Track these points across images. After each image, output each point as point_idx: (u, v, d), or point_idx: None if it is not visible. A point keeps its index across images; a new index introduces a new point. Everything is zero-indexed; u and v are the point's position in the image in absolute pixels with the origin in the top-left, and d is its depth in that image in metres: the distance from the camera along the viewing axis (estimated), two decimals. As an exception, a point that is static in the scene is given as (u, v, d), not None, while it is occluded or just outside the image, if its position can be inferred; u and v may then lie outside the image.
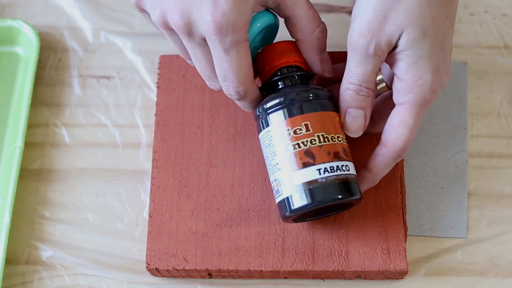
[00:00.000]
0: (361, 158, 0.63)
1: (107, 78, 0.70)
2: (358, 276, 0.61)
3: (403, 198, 0.62)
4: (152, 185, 0.63)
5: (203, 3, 0.53)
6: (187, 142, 0.65)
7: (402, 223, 0.61)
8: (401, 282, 0.62)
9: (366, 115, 0.57)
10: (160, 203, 0.63)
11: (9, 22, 0.71)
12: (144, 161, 0.67)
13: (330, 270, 0.60)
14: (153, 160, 0.64)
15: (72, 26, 0.72)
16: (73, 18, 0.73)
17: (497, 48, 0.70)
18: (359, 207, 0.62)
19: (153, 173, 0.64)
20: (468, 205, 0.64)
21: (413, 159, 0.65)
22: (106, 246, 0.64)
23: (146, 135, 0.68)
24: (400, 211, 0.61)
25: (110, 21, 0.72)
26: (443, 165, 0.65)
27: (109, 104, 0.69)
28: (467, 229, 0.63)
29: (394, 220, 0.61)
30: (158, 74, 0.67)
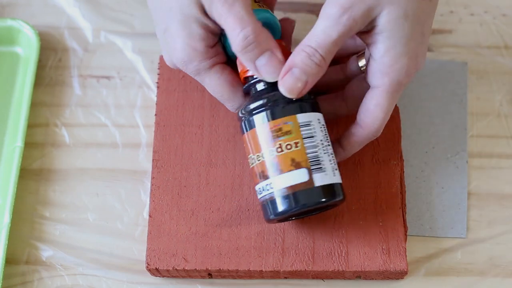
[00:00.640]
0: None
1: (107, 78, 0.70)
2: (358, 276, 0.61)
3: (403, 198, 0.62)
4: (152, 185, 0.63)
5: (168, 47, 0.57)
6: (187, 142, 0.65)
7: (402, 223, 0.61)
8: (401, 282, 0.62)
9: (307, 83, 0.55)
10: (160, 203, 0.63)
11: (9, 22, 0.71)
12: (144, 161, 0.67)
13: (330, 270, 0.60)
14: (153, 160, 0.64)
15: (72, 26, 0.72)
16: (73, 18, 0.73)
17: (497, 48, 0.70)
18: (359, 207, 0.62)
19: (153, 173, 0.64)
20: (468, 205, 0.64)
21: (413, 159, 0.65)
22: (106, 246, 0.64)
23: (146, 135, 0.68)
24: (400, 211, 0.61)
25: (110, 21, 0.72)
26: (443, 165, 0.65)
27: (109, 104, 0.69)
28: (467, 229, 0.63)
29: (394, 220, 0.61)
30: (158, 74, 0.67)
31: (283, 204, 0.56)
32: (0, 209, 0.64)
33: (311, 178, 0.56)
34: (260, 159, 0.57)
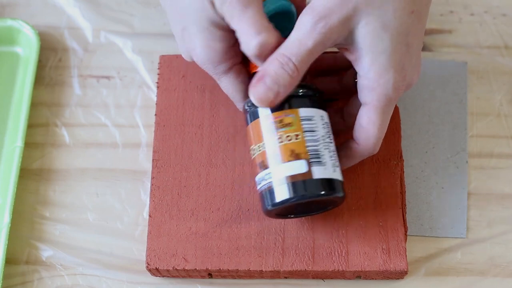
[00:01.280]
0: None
1: (107, 78, 0.70)
2: (358, 276, 0.61)
3: (403, 198, 0.62)
4: (152, 185, 0.63)
5: (186, 46, 0.57)
6: (187, 142, 0.65)
7: (402, 223, 0.61)
8: (401, 282, 0.62)
9: (279, 93, 0.54)
10: (160, 203, 0.63)
11: (9, 22, 0.71)
12: (144, 161, 0.67)
13: (330, 270, 0.60)
14: (153, 160, 0.64)
15: (72, 26, 0.72)
16: (73, 18, 0.73)
17: (497, 48, 0.70)
18: (359, 207, 0.62)
19: (153, 173, 0.64)
20: (468, 205, 0.64)
21: (413, 159, 0.65)
22: (106, 246, 0.64)
23: (146, 135, 0.68)
24: (400, 211, 0.61)
25: (110, 21, 0.72)
26: (443, 165, 0.65)
27: (109, 104, 0.69)
28: (467, 229, 0.63)
29: (394, 220, 0.61)
30: (158, 74, 0.67)
31: (281, 194, 0.56)
32: (0, 209, 0.64)
33: (310, 170, 0.56)
34: (261, 149, 0.57)
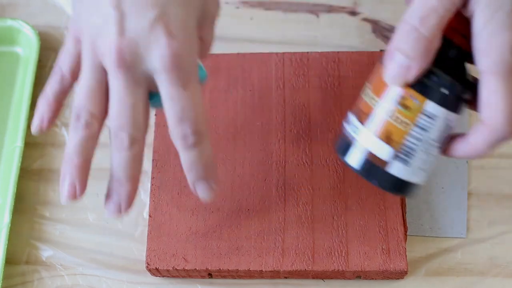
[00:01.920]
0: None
1: (107, 78, 0.70)
2: (358, 276, 0.61)
3: (403, 198, 0.62)
4: (152, 185, 0.63)
5: (159, 35, 0.48)
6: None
7: (402, 223, 0.61)
8: (401, 282, 0.62)
9: (410, 68, 0.48)
10: (160, 203, 0.63)
11: (9, 22, 0.71)
12: (144, 161, 0.67)
13: (330, 270, 0.60)
14: (153, 160, 0.64)
15: (72, 26, 0.72)
16: (73, 18, 0.73)
17: (497, 48, 0.70)
18: (359, 207, 0.62)
19: (153, 173, 0.64)
20: (468, 205, 0.64)
21: (413, 159, 0.65)
22: (106, 246, 0.64)
23: (146, 135, 0.68)
24: (400, 211, 0.61)
25: (110, 21, 0.72)
26: (443, 165, 0.65)
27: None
28: (467, 229, 0.63)
29: (394, 220, 0.61)
30: (158, 74, 0.67)
31: (353, 157, 0.52)
32: (0, 209, 0.64)
33: (390, 162, 0.52)
34: (372, 102, 0.52)
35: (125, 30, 0.48)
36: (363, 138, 0.52)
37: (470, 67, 0.51)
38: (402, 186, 0.53)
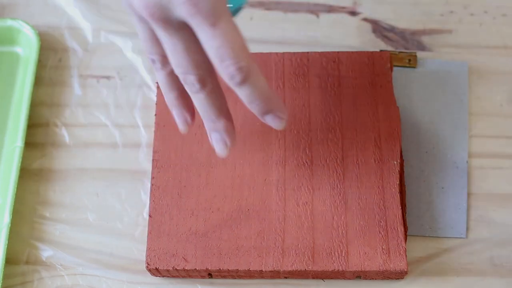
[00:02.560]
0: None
1: (107, 78, 0.70)
2: (358, 276, 0.61)
3: (403, 198, 0.62)
4: (152, 185, 0.63)
5: None
6: (187, 142, 0.65)
7: (402, 223, 0.61)
8: (401, 282, 0.62)
9: None
10: (160, 203, 0.63)
11: (9, 22, 0.71)
12: (144, 161, 0.67)
13: (330, 270, 0.60)
14: (153, 160, 0.64)
15: (72, 26, 0.72)
16: (73, 18, 0.73)
17: (497, 48, 0.70)
18: (359, 207, 0.62)
19: (153, 173, 0.64)
20: (468, 205, 0.64)
21: (413, 159, 0.65)
22: (106, 246, 0.64)
23: (146, 135, 0.68)
24: (400, 211, 0.61)
25: (110, 21, 0.72)
26: (443, 165, 0.65)
27: (109, 104, 0.69)
28: (467, 229, 0.63)
29: (394, 220, 0.61)
30: (158, 74, 0.67)
31: None
32: (0, 209, 0.64)
33: None
34: None
35: None
36: None
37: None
38: None
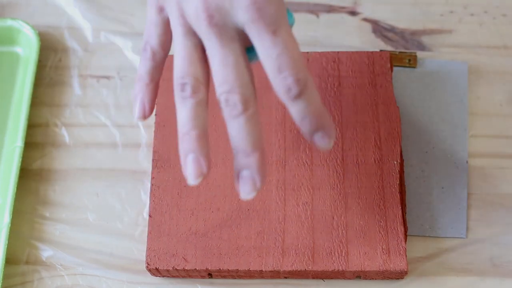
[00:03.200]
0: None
1: (107, 78, 0.70)
2: (358, 276, 0.61)
3: (403, 198, 0.62)
4: (152, 185, 0.63)
5: None
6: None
7: (402, 223, 0.61)
8: (401, 282, 0.62)
9: None
10: (160, 203, 0.63)
11: (9, 22, 0.71)
12: (144, 161, 0.67)
13: (330, 270, 0.60)
14: (153, 160, 0.64)
15: (72, 26, 0.72)
16: (73, 18, 0.73)
17: (497, 48, 0.70)
18: (359, 207, 0.62)
19: (153, 173, 0.64)
20: (468, 205, 0.64)
21: (413, 159, 0.65)
22: (106, 246, 0.64)
23: (146, 135, 0.68)
24: (400, 211, 0.61)
25: (110, 21, 0.72)
26: (443, 165, 0.65)
27: (109, 104, 0.69)
28: (467, 229, 0.63)
29: (394, 220, 0.61)
30: (158, 74, 0.67)
31: None
32: (0, 209, 0.64)
33: None
34: None
35: None
36: None
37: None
38: None
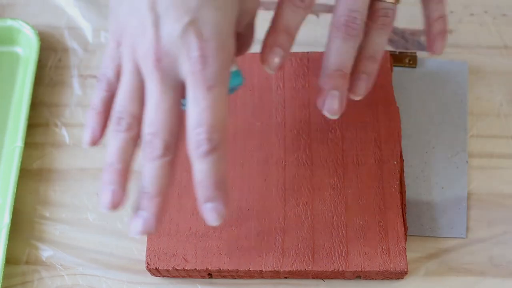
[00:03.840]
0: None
1: (107, 78, 0.70)
2: (358, 276, 0.61)
3: (403, 198, 0.62)
4: (152, 185, 0.63)
5: (191, 39, 0.48)
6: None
7: (402, 223, 0.61)
8: (401, 282, 0.62)
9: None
10: (160, 203, 0.63)
11: (9, 22, 0.71)
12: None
13: (330, 270, 0.60)
14: (153, 160, 0.64)
15: (72, 26, 0.72)
16: (73, 18, 0.73)
17: (497, 48, 0.70)
18: (359, 207, 0.62)
19: (153, 173, 0.64)
20: (468, 205, 0.64)
21: (413, 159, 0.65)
22: (106, 246, 0.64)
23: (146, 135, 0.68)
24: (400, 211, 0.61)
25: (110, 21, 0.72)
26: (443, 165, 0.65)
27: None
28: (467, 229, 0.63)
29: (394, 220, 0.61)
30: (158, 74, 0.67)
31: None
32: (0, 209, 0.64)
33: None
34: None
35: (161, 35, 0.48)
36: None
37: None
38: None
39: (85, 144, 0.52)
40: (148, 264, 0.61)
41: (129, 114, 0.50)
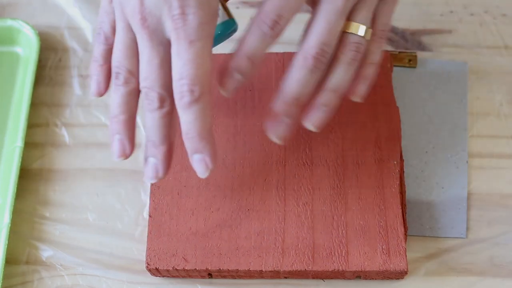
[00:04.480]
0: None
1: (107, 78, 0.70)
2: (358, 276, 0.61)
3: (403, 198, 0.62)
4: (152, 185, 0.63)
5: None
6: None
7: (402, 223, 0.61)
8: (401, 282, 0.62)
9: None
10: (160, 203, 0.63)
11: (9, 22, 0.71)
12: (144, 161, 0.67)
13: (330, 270, 0.60)
14: (153, 160, 0.64)
15: (72, 26, 0.72)
16: (73, 18, 0.73)
17: (497, 48, 0.70)
18: (359, 207, 0.61)
19: (153, 173, 0.64)
20: (468, 205, 0.64)
21: (413, 159, 0.65)
22: (106, 246, 0.64)
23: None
24: (400, 211, 0.61)
25: (110, 21, 0.72)
26: (443, 165, 0.65)
27: (109, 104, 0.69)
28: (467, 229, 0.63)
29: (394, 220, 0.61)
30: (158, 74, 0.67)
31: None
32: (0, 209, 0.64)
33: None
34: None
35: None
36: None
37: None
38: None
39: (92, 94, 0.56)
40: (148, 264, 0.61)
41: (125, 69, 0.53)
